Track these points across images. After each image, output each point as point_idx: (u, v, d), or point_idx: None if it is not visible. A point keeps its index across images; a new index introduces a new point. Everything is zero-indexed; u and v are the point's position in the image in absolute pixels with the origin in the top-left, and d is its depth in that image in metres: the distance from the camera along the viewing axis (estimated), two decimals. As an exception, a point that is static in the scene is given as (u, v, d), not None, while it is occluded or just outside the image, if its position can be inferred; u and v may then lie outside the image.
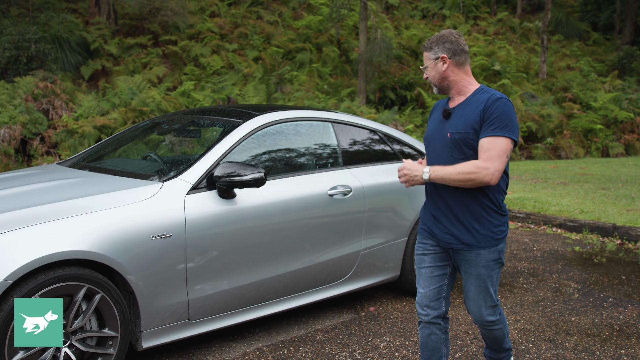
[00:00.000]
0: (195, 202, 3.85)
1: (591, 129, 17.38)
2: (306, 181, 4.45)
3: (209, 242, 3.87)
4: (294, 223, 4.31)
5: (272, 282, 4.23)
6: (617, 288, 5.67)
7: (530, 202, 9.03)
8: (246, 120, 4.41)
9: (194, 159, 4.08)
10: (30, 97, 15.02)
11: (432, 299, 3.24)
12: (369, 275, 4.93)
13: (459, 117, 3.12)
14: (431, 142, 3.25)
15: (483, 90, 3.14)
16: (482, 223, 3.10)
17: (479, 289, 3.18)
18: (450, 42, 3.15)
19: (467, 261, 3.15)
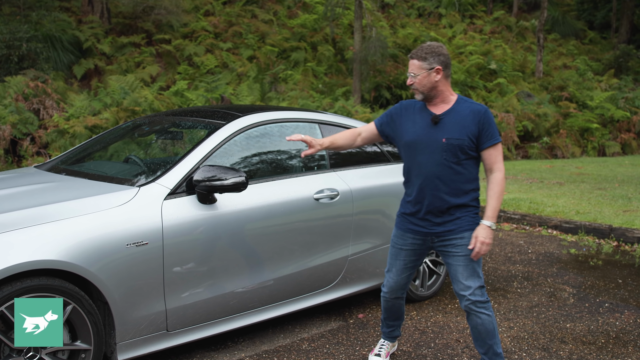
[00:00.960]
0: (174, 208, 3.69)
1: (587, 128, 17.26)
2: (291, 185, 4.29)
3: (187, 249, 3.71)
4: (278, 228, 4.15)
5: (255, 289, 4.08)
6: (613, 292, 5.52)
7: (526, 203, 8.88)
8: (229, 121, 4.25)
9: (173, 162, 3.92)
10: (21, 96, 14.83)
11: (401, 285, 3.78)
12: (357, 282, 4.78)
13: (452, 124, 3.47)
14: (418, 147, 3.53)
15: (465, 100, 3.56)
16: (463, 211, 3.52)
17: (467, 268, 3.51)
18: (443, 55, 3.49)
19: (454, 245, 3.52)
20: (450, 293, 5.45)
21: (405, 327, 4.65)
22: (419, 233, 3.62)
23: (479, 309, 3.50)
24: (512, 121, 16.24)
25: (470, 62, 19.48)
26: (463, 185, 3.49)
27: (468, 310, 3.54)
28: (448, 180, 3.47)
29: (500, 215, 8.45)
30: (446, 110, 3.52)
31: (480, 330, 3.54)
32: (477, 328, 3.55)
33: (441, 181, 3.48)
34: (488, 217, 3.46)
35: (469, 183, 3.52)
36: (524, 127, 16.70)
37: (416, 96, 3.54)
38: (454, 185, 3.48)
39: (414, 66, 3.49)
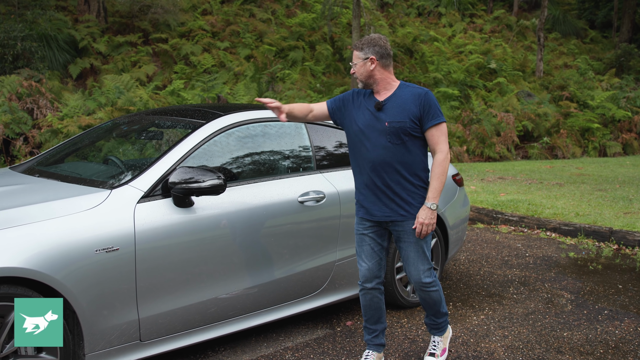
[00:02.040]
0: (147, 212, 3.50)
1: (588, 128, 17.04)
2: (274, 187, 4.10)
3: (162, 255, 3.52)
4: (260, 233, 3.96)
5: (236, 297, 3.88)
6: (613, 299, 5.32)
7: (524, 205, 8.68)
8: (209, 121, 4.06)
9: (148, 164, 3.73)
10: (15, 96, 14.64)
11: (374, 271, 3.79)
12: (345, 288, 4.58)
13: (394, 108, 3.62)
14: (365, 132, 3.66)
15: (406, 85, 3.70)
16: (414, 198, 3.65)
17: (417, 254, 3.69)
18: (379, 45, 3.65)
19: (406, 231, 3.67)
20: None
21: (395, 335, 4.45)
22: (373, 219, 3.73)
23: (428, 289, 3.78)
24: (512, 121, 16.03)
25: (470, 62, 19.28)
26: (410, 167, 3.64)
27: (418, 289, 3.80)
28: (395, 163, 3.61)
29: (497, 217, 8.25)
30: (388, 96, 3.67)
31: (429, 302, 3.85)
32: (425, 300, 3.85)
33: (388, 165, 3.62)
34: (429, 198, 3.60)
35: (416, 165, 3.65)
36: (523, 127, 16.50)
37: (359, 84, 3.73)
38: (401, 168, 3.62)
39: (354, 56, 3.70)
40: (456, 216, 5.33)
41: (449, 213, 5.18)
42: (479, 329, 4.60)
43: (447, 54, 20.01)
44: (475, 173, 12.23)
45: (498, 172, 12.49)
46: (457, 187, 5.45)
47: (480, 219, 8.42)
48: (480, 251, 6.87)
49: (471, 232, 7.79)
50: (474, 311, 4.98)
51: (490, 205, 8.68)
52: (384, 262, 3.84)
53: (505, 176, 11.76)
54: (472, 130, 15.89)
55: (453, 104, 17.09)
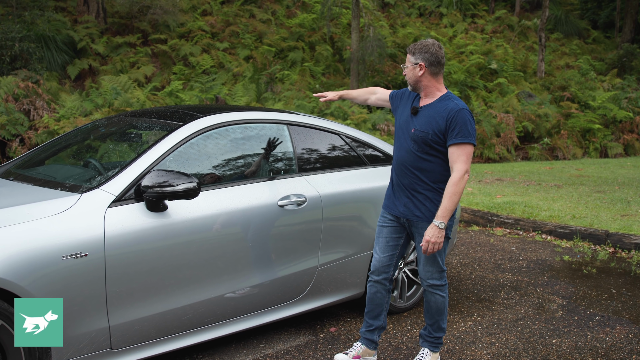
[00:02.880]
0: (118, 216, 3.40)
1: (589, 129, 16.89)
2: (253, 190, 3.99)
3: (134, 261, 3.42)
4: (237, 237, 3.85)
5: (212, 303, 3.78)
6: (605, 304, 5.20)
7: (520, 207, 8.56)
8: (186, 123, 3.96)
9: (121, 167, 3.63)
10: (11, 97, 14.58)
11: (384, 264, 3.88)
12: (328, 294, 4.47)
13: (424, 117, 3.68)
14: (399, 132, 3.82)
15: (448, 98, 3.68)
16: (432, 202, 3.68)
17: (429, 256, 3.73)
18: (430, 53, 3.66)
19: (420, 234, 3.73)
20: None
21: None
22: (393, 212, 3.85)
23: (435, 291, 3.82)
24: (512, 122, 15.90)
25: (471, 62, 19.15)
26: (431, 176, 3.67)
27: (426, 289, 3.84)
28: (415, 169, 3.69)
29: (493, 219, 8.13)
30: (428, 103, 3.72)
31: (432, 306, 3.85)
32: (429, 304, 3.86)
33: (409, 168, 3.71)
34: (438, 216, 3.58)
35: (437, 175, 3.67)
36: (524, 128, 16.36)
37: (408, 86, 3.82)
38: (420, 174, 3.69)
39: (407, 58, 3.76)
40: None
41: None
42: (466, 335, 4.49)
43: (448, 55, 19.88)
44: (473, 174, 12.10)
45: (496, 173, 12.37)
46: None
47: (476, 222, 8.30)
48: (474, 254, 6.75)
49: (465, 235, 7.67)
50: (462, 317, 4.87)
51: (486, 208, 8.56)
52: (396, 259, 3.91)
53: (503, 177, 11.64)
54: (472, 131, 15.74)
55: (453, 105, 16.96)
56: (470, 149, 3.58)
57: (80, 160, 4.43)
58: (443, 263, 3.80)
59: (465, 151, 3.55)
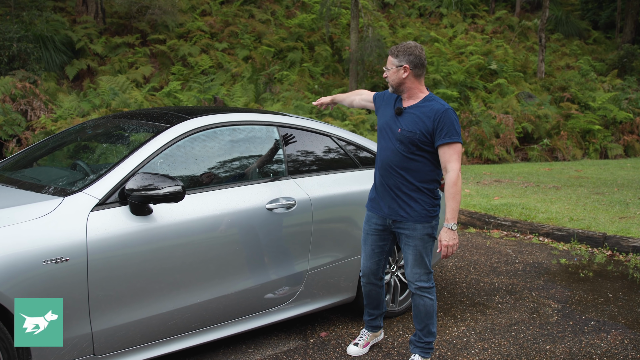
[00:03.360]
0: (102, 220, 3.33)
1: (589, 130, 16.81)
2: (241, 193, 3.92)
3: (117, 265, 3.35)
4: (224, 241, 3.79)
5: (198, 308, 3.71)
6: (601, 308, 5.13)
7: (518, 209, 8.48)
8: (174, 124, 3.89)
9: (105, 169, 3.56)
10: (9, 97, 14.52)
11: (372, 270, 3.99)
12: (318, 298, 4.40)
13: (410, 117, 3.72)
14: (383, 133, 3.83)
15: (432, 99, 3.74)
16: (417, 202, 3.72)
17: (416, 257, 3.75)
18: (414, 55, 3.71)
19: (407, 235, 3.76)
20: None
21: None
22: (378, 215, 3.87)
23: (423, 293, 3.80)
24: (511, 123, 15.82)
25: (471, 62, 19.07)
26: (417, 176, 3.71)
27: (414, 292, 3.82)
28: (401, 169, 3.71)
29: (490, 221, 8.06)
30: (412, 104, 3.76)
31: (421, 310, 3.84)
32: (418, 308, 3.84)
33: (396, 169, 3.73)
34: (448, 219, 3.63)
35: (423, 175, 3.72)
36: (523, 129, 16.28)
37: (389, 89, 3.83)
38: (406, 174, 3.71)
39: (388, 61, 3.78)
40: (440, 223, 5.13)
41: (431, 219, 4.99)
42: (458, 341, 4.42)
43: (448, 55, 19.81)
44: (471, 176, 12.03)
45: (495, 174, 12.30)
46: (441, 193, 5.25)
47: (473, 224, 8.23)
48: (469, 257, 6.69)
49: (462, 237, 7.60)
50: (455, 322, 4.80)
51: (483, 210, 8.49)
52: (383, 262, 3.99)
53: (501, 179, 11.56)
54: (471, 132, 15.69)
55: (452, 106, 16.89)
56: (460, 148, 3.66)
57: (67, 163, 4.36)
58: (430, 264, 3.82)
59: (457, 150, 3.63)
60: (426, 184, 3.73)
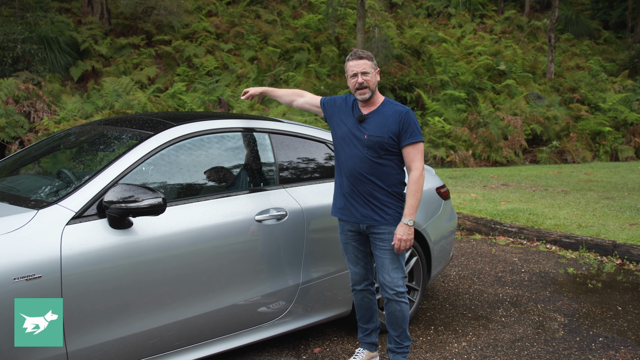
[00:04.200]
0: (78, 234, 3.15)
1: (599, 132, 16.53)
2: (228, 205, 3.73)
3: (94, 282, 3.17)
4: (209, 255, 3.60)
5: (182, 326, 3.52)
6: (610, 323, 4.90)
7: (525, 215, 8.25)
8: (158, 132, 3.70)
9: (84, 180, 3.38)
10: (12, 99, 14.42)
11: (361, 275, 3.92)
12: (312, 313, 4.20)
13: (375, 122, 3.73)
14: (346, 140, 3.79)
15: (390, 102, 3.81)
16: (388, 206, 3.73)
17: (392, 261, 3.73)
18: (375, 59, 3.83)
19: (381, 238, 3.73)
20: (424, 322, 4.87)
21: None
22: (351, 221, 3.80)
23: (400, 298, 3.76)
24: (519, 124, 15.57)
25: (479, 63, 18.84)
26: (386, 179, 3.71)
27: (390, 298, 3.76)
28: (371, 175, 3.69)
29: (496, 228, 7.84)
30: (373, 110, 3.78)
31: (398, 316, 3.79)
32: (394, 314, 3.80)
33: (365, 175, 3.70)
34: (405, 214, 3.66)
35: (392, 177, 3.73)
36: (532, 131, 16.03)
37: (364, 95, 3.73)
38: (376, 179, 3.70)
39: (366, 65, 3.73)
40: (440, 231, 4.94)
41: (431, 229, 4.79)
42: (458, 358, 4.21)
43: (456, 56, 19.58)
44: (478, 179, 11.80)
45: (503, 177, 12.06)
46: (441, 200, 5.06)
47: (478, 230, 8.01)
48: (474, 266, 6.47)
49: (467, 244, 7.39)
50: (456, 337, 4.59)
51: (489, 215, 8.27)
52: (370, 265, 3.93)
53: (509, 182, 11.33)
54: (479, 134, 15.46)
55: (459, 107, 16.67)
56: (422, 146, 3.74)
57: (46, 172, 4.19)
58: (404, 267, 3.85)
59: (420, 149, 3.71)
60: (395, 187, 3.74)
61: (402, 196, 3.77)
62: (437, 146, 15.14)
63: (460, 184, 11.24)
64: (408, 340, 3.88)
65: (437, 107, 16.69)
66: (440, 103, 16.94)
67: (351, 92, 3.81)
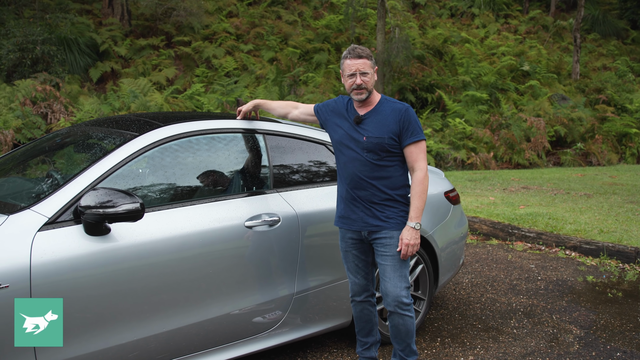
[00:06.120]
0: (50, 241, 2.97)
1: (626, 133, 16.07)
2: (216, 210, 3.52)
3: (65, 291, 2.98)
4: (194, 263, 3.39)
5: (164, 338, 3.32)
6: (629, 336, 4.61)
7: (544, 219, 7.94)
8: (143, 133, 3.51)
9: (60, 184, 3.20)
10: (29, 100, 14.42)
11: (361, 285, 3.72)
12: (308, 324, 3.98)
13: (373, 123, 3.54)
14: (344, 144, 3.60)
15: (387, 100, 3.60)
16: (391, 210, 3.53)
17: (394, 269, 3.52)
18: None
19: (383, 244, 3.53)
20: (430, 334, 4.62)
21: None
22: (353, 229, 3.62)
23: (403, 311, 3.55)
24: (542, 126, 15.18)
25: (502, 64, 18.46)
26: (388, 182, 3.54)
27: (393, 311, 3.56)
28: (372, 178, 3.51)
29: (513, 232, 7.55)
30: (370, 110, 3.59)
31: (401, 330, 3.59)
32: (398, 327, 3.59)
33: (366, 178, 3.52)
34: (411, 217, 3.48)
35: (394, 180, 3.55)
36: (555, 132, 15.63)
37: (361, 96, 3.53)
38: (378, 182, 3.52)
39: (366, 65, 3.52)
40: (448, 238, 4.69)
41: (438, 235, 4.54)
42: (464, 374, 3.96)
43: (479, 56, 19.22)
44: (498, 182, 11.48)
45: (524, 180, 11.72)
46: (450, 205, 4.80)
47: (495, 235, 7.73)
48: (488, 273, 6.20)
49: (482, 250, 7.11)
50: (463, 350, 4.33)
51: (507, 220, 7.98)
52: (371, 275, 3.75)
53: (530, 185, 11.00)
54: (501, 136, 15.11)
55: (481, 108, 16.32)
56: (425, 145, 3.55)
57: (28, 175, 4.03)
58: (408, 276, 3.60)
59: (422, 148, 3.54)
60: (398, 191, 3.57)
61: (406, 199, 3.59)
62: (458, 148, 14.83)
63: (480, 186, 10.94)
64: (414, 354, 3.68)
65: (458, 108, 16.37)
66: (461, 104, 16.61)
67: (346, 91, 3.58)
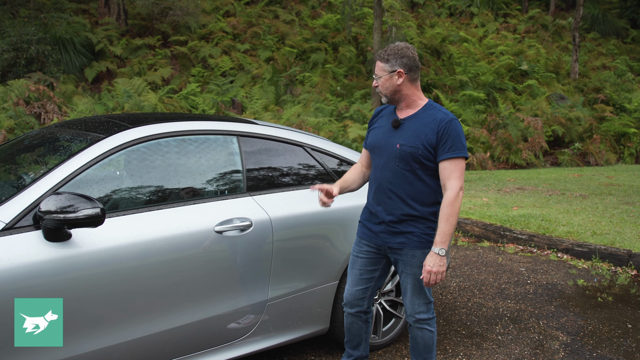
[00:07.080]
0: (7, 248, 2.86)
1: (624, 133, 15.93)
2: (183, 214, 3.41)
3: (23, 301, 2.87)
4: (160, 270, 3.28)
5: (127, 348, 3.21)
6: (617, 343, 4.49)
7: (537, 221, 7.82)
8: (109, 135, 3.40)
9: (19, 188, 3.09)
10: (22, 100, 14.33)
11: (356, 297, 3.53)
12: (283, 331, 3.87)
13: (410, 130, 3.28)
14: (377, 151, 3.38)
15: (433, 107, 3.31)
16: (417, 227, 3.28)
17: (414, 286, 3.35)
18: (407, 57, 3.26)
19: (404, 262, 3.34)
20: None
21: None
22: (371, 241, 3.45)
23: (422, 325, 3.43)
24: (540, 126, 15.05)
25: (500, 63, 18.34)
26: (418, 196, 3.29)
27: (412, 324, 3.45)
28: (401, 189, 3.29)
29: (505, 235, 7.43)
30: (410, 115, 3.34)
31: (420, 343, 3.47)
32: (416, 340, 3.47)
33: (394, 189, 3.31)
34: (437, 242, 3.19)
35: (425, 195, 3.30)
36: (553, 132, 15.50)
37: (382, 99, 3.37)
38: (407, 194, 3.29)
39: (378, 67, 3.33)
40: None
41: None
42: (443, 383, 3.85)
43: (477, 55, 19.10)
44: (493, 182, 11.36)
45: (520, 181, 11.60)
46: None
47: (487, 237, 7.61)
48: (477, 276, 6.08)
49: (473, 252, 7.00)
50: (445, 357, 4.21)
51: (499, 221, 7.86)
52: (370, 292, 3.55)
53: (525, 186, 10.87)
54: (498, 136, 14.99)
55: (478, 108, 16.20)
56: (464, 164, 3.24)
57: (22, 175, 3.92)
58: (430, 294, 3.44)
59: (459, 166, 3.21)
60: (428, 207, 3.30)
61: (436, 217, 3.30)
62: (454, 148, 14.69)
63: (474, 187, 10.82)
64: None
65: (455, 108, 16.24)
66: (458, 104, 16.49)
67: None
